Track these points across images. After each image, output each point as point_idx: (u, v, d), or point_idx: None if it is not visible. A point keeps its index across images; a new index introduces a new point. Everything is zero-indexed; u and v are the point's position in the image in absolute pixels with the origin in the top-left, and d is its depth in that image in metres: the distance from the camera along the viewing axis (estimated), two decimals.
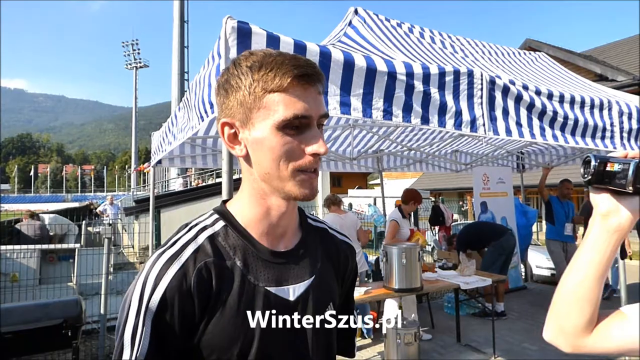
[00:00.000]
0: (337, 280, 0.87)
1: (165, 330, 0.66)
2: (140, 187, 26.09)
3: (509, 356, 4.09)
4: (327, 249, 0.87)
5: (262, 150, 0.70)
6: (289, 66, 0.68)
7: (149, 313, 0.66)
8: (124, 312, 0.67)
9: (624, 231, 0.75)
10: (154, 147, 4.69)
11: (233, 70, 0.72)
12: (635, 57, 15.19)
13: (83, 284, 5.86)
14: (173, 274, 0.68)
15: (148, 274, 0.68)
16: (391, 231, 4.64)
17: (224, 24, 1.83)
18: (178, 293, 0.67)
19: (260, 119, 0.69)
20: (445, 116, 2.42)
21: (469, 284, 4.06)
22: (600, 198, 0.76)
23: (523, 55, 4.58)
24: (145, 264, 0.70)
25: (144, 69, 49.18)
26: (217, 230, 0.75)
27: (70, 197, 42.80)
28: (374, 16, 3.47)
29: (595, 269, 0.76)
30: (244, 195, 0.77)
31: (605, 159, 0.72)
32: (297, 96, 0.69)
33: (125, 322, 0.66)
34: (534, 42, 16.02)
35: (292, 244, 0.80)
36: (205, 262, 0.70)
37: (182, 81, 17.54)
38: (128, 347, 0.65)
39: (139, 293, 0.67)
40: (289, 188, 0.71)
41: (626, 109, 3.17)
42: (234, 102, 0.71)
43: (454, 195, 17.58)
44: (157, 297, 0.66)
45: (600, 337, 0.77)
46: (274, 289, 0.74)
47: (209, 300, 0.69)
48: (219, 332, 0.69)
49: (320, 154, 0.70)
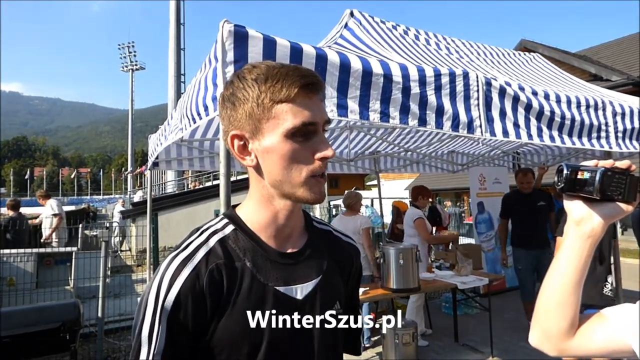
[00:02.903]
0: (342, 280, 0.90)
1: (179, 329, 0.70)
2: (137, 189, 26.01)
3: (506, 355, 4.11)
4: (333, 250, 0.90)
5: (272, 159, 0.74)
6: (294, 77, 0.72)
7: (164, 312, 0.69)
8: (140, 312, 0.71)
9: (597, 236, 0.78)
10: (150, 150, 4.69)
11: (238, 83, 0.75)
12: (629, 57, 15.30)
13: (80, 287, 5.84)
14: (187, 275, 0.71)
15: (163, 276, 0.72)
16: (424, 228, 4.64)
17: (221, 27, 1.84)
18: (191, 293, 0.71)
19: (270, 129, 0.73)
20: (443, 118, 2.43)
21: (466, 284, 4.08)
22: (573, 205, 0.80)
23: (518, 56, 4.61)
24: (160, 266, 0.74)
25: (140, 71, 49.05)
26: (228, 234, 0.79)
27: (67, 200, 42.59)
28: (370, 18, 3.49)
29: (573, 274, 0.79)
30: (253, 201, 0.81)
31: (576, 168, 0.76)
32: (304, 105, 0.73)
33: (143, 321, 0.70)
34: (528, 43, 16.11)
35: (299, 245, 0.84)
36: (217, 263, 0.74)
37: (179, 83, 17.49)
38: (145, 345, 0.69)
39: (154, 294, 0.71)
40: (301, 193, 0.75)
41: (619, 109, 3.20)
42: (242, 114, 0.74)
43: (451, 196, 17.64)
44: (172, 297, 0.70)
45: (583, 339, 0.79)
46: (283, 288, 0.77)
47: (220, 299, 0.73)
48: (230, 330, 0.72)
49: (329, 157, 0.74)
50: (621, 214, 0.77)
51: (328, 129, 4.93)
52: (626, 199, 0.75)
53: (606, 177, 0.73)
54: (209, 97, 2.05)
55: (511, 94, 2.67)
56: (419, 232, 4.60)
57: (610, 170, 0.74)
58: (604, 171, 0.73)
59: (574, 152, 5.72)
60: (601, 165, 0.75)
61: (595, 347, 0.78)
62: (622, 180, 0.74)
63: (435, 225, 7.59)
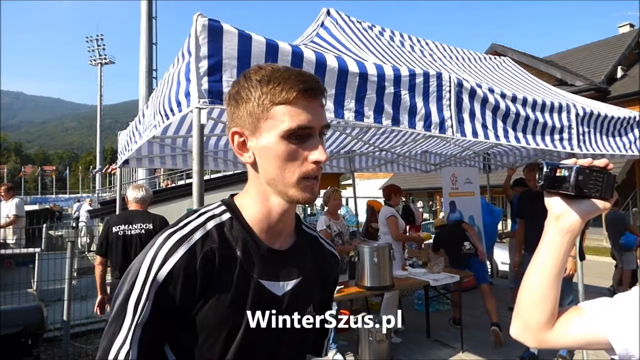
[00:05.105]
0: (320, 285, 0.94)
1: (165, 304, 0.73)
2: (106, 188, 25.22)
3: (476, 350, 4.22)
4: (316, 255, 0.95)
5: (268, 157, 0.77)
6: (295, 81, 0.75)
7: (154, 285, 0.72)
8: (128, 281, 0.73)
9: (575, 232, 0.82)
10: (120, 147, 4.54)
11: (244, 82, 0.78)
12: (591, 63, 16.02)
13: (44, 289, 5.58)
14: (182, 253, 0.74)
15: (159, 250, 0.74)
16: (395, 225, 4.70)
17: (195, 21, 1.80)
18: (184, 271, 0.73)
19: (268, 129, 0.76)
20: (415, 117, 2.47)
21: (438, 281, 4.16)
22: (553, 202, 0.83)
23: (489, 60, 4.74)
24: (156, 240, 0.76)
25: (110, 65, 47.53)
26: (224, 221, 0.81)
27: (29, 199, 40.79)
28: (346, 17, 3.50)
29: (552, 268, 0.82)
30: (251, 194, 0.84)
31: (555, 166, 0.79)
32: (302, 108, 0.75)
33: (131, 290, 0.72)
34: (499, 47, 16.60)
35: (287, 244, 0.87)
36: (212, 247, 0.76)
37: (150, 79, 17.05)
38: (130, 313, 0.71)
39: (147, 266, 0.73)
40: (292, 193, 0.78)
41: (581, 111, 3.35)
42: (244, 112, 0.78)
43: (424, 195, 17.95)
44: (165, 272, 0.72)
45: (560, 331, 0.82)
46: (266, 282, 0.81)
47: (209, 282, 0.75)
48: (212, 314, 0.75)
49: (322, 162, 0.78)
50: (598, 211, 0.80)
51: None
52: (603, 197, 0.78)
53: (583, 174, 0.76)
54: (181, 92, 2.00)
55: (481, 95, 2.74)
56: (390, 230, 4.68)
57: (588, 169, 0.77)
58: (579, 169, 0.76)
59: (541, 153, 5.93)
60: (579, 163, 0.77)
61: (572, 339, 0.81)
62: (600, 178, 0.77)
63: (409, 224, 7.71)
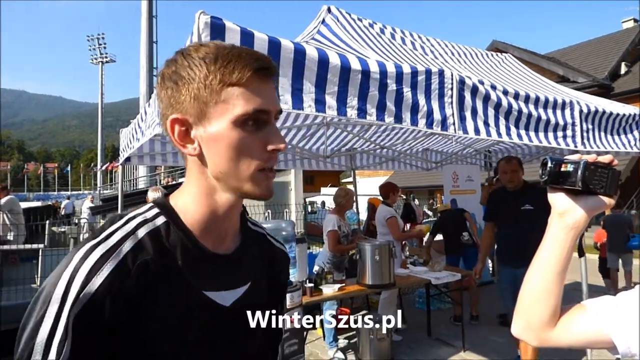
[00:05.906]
0: (269, 288, 0.85)
1: (91, 337, 0.58)
2: (107, 185, 25.29)
3: (477, 349, 4.22)
4: (263, 255, 0.86)
5: (218, 148, 0.66)
6: (248, 59, 0.65)
7: (73, 314, 0.57)
8: (37, 312, 0.58)
9: (580, 228, 0.80)
10: (122, 145, 4.55)
11: (182, 60, 0.67)
12: (594, 60, 15.94)
13: None
14: (109, 270, 0.60)
15: (78, 268, 0.60)
16: (396, 227, 4.68)
17: (197, 19, 1.80)
18: (113, 294, 0.60)
19: (218, 114, 0.65)
20: (418, 115, 2.47)
21: (440, 279, 4.16)
22: (557, 197, 0.81)
23: (490, 57, 4.73)
24: (73, 256, 0.61)
25: (111, 64, 47.61)
26: (158, 226, 0.69)
27: (32, 195, 40.92)
28: (347, 15, 3.50)
29: (556, 265, 0.81)
30: (190, 192, 0.72)
31: (560, 161, 0.78)
32: (257, 90, 0.66)
33: (40, 324, 0.57)
34: (500, 44, 16.56)
35: (233, 247, 0.77)
36: (145, 259, 0.64)
37: (151, 77, 17.10)
38: (39, 354, 0.56)
39: (62, 290, 0.58)
40: (248, 187, 0.68)
41: (585, 108, 3.33)
42: (186, 95, 0.66)
43: (425, 193, 17.94)
44: (87, 297, 0.58)
45: (563, 330, 0.81)
46: (212, 293, 0.71)
47: (145, 302, 0.63)
48: (152, 337, 0.64)
49: (281, 150, 0.69)
50: (603, 207, 0.79)
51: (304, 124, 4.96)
52: (608, 192, 0.77)
53: (589, 170, 0.76)
54: None
55: (483, 92, 2.73)
56: (391, 232, 4.66)
57: (593, 164, 0.76)
58: (587, 163, 0.76)
59: (543, 150, 5.92)
60: (585, 158, 0.77)
61: (575, 337, 0.80)
62: (604, 173, 0.77)
63: (410, 222, 7.72)
